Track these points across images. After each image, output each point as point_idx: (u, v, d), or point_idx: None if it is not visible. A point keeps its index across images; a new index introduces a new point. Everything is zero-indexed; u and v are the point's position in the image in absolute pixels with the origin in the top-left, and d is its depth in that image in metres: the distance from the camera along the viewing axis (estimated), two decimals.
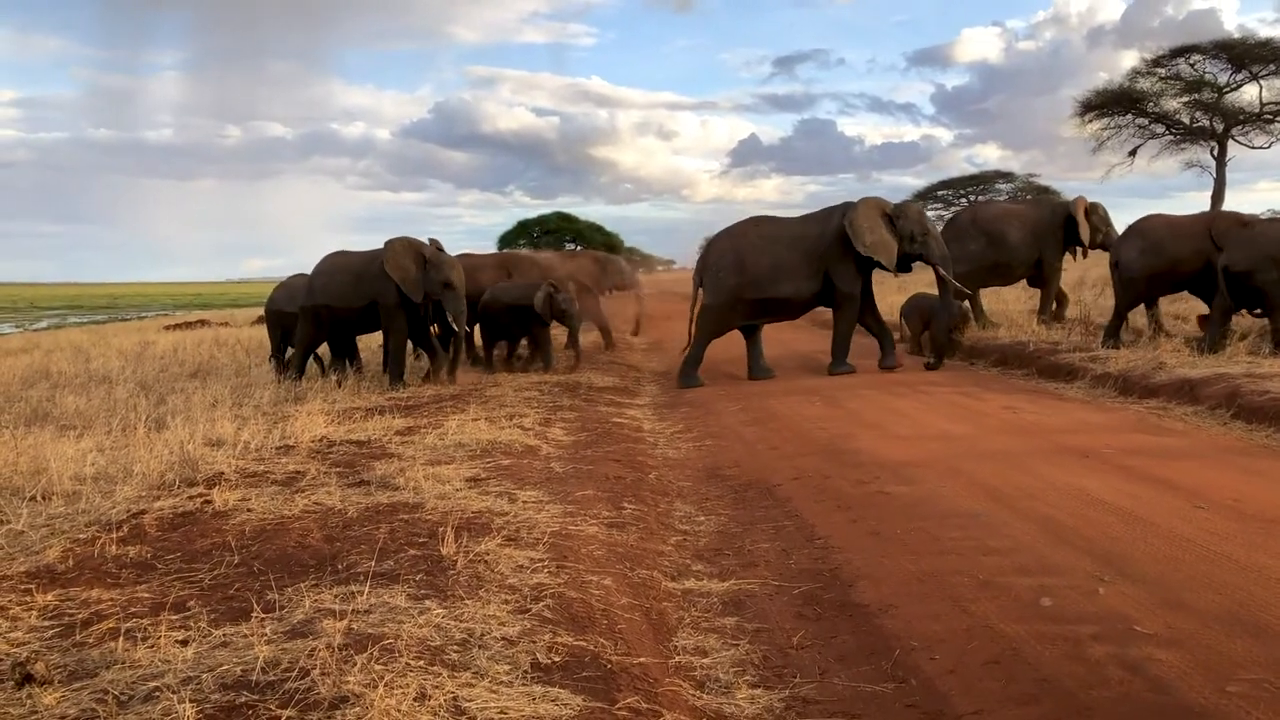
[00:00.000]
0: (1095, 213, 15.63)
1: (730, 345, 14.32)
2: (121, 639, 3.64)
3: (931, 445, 8.01)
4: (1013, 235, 15.49)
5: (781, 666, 4.00)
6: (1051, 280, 15.74)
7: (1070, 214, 15.47)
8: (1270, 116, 30.65)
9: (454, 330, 12.82)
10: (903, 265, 13.36)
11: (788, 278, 13.11)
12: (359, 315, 12.85)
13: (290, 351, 14.19)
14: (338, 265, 13.04)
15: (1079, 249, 15.68)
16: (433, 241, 13.11)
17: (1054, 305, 15.81)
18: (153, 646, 3.57)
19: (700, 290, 13.58)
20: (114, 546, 4.95)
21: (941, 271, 13.14)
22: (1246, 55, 30.01)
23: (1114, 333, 12.87)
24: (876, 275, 13.87)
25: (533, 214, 48.24)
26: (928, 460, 7.41)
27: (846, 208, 13.20)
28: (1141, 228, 13.29)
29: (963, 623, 4.24)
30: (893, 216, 13.13)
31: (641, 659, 3.79)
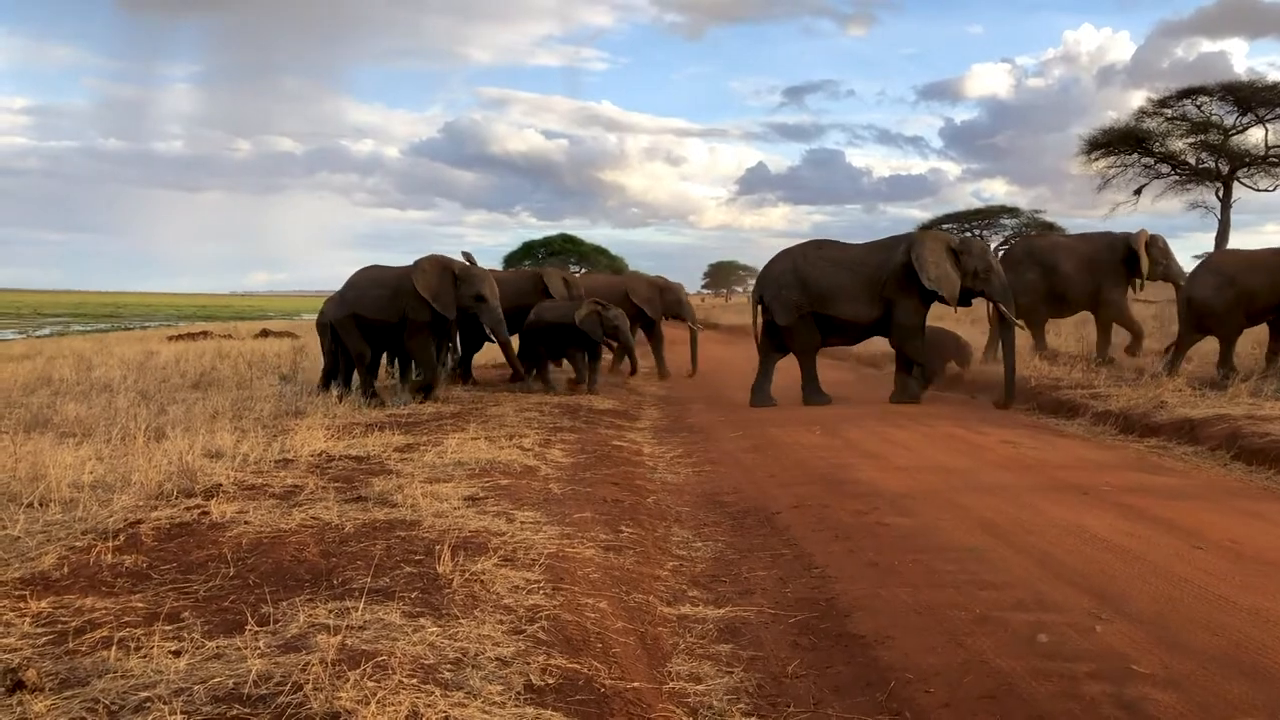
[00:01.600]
0: (1155, 245, 15.52)
1: (731, 372, 14.35)
2: (114, 648, 3.63)
3: (931, 477, 8.00)
4: (1066, 267, 15.38)
5: (775, 695, 3.98)
6: (1107, 314, 15.55)
7: (1131, 247, 15.32)
8: (1276, 159, 30.76)
9: (454, 349, 12.99)
10: (963, 300, 13.32)
11: (849, 300, 13.14)
12: (391, 329, 12.93)
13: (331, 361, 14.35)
14: (372, 278, 13.14)
15: (1137, 282, 15.56)
16: (466, 256, 13.32)
17: (1109, 342, 15.63)
18: (145, 656, 3.55)
19: (760, 309, 13.71)
20: (110, 555, 4.94)
21: (1003, 309, 13.07)
22: (1253, 98, 30.16)
23: (1173, 365, 12.85)
24: None
25: (539, 235, 48.38)
26: (927, 492, 7.39)
27: (911, 239, 13.21)
28: (1216, 262, 13.33)
29: (959, 656, 4.22)
30: (958, 252, 13.07)
31: (635, 684, 3.77)
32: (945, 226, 56.35)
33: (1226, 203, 31.13)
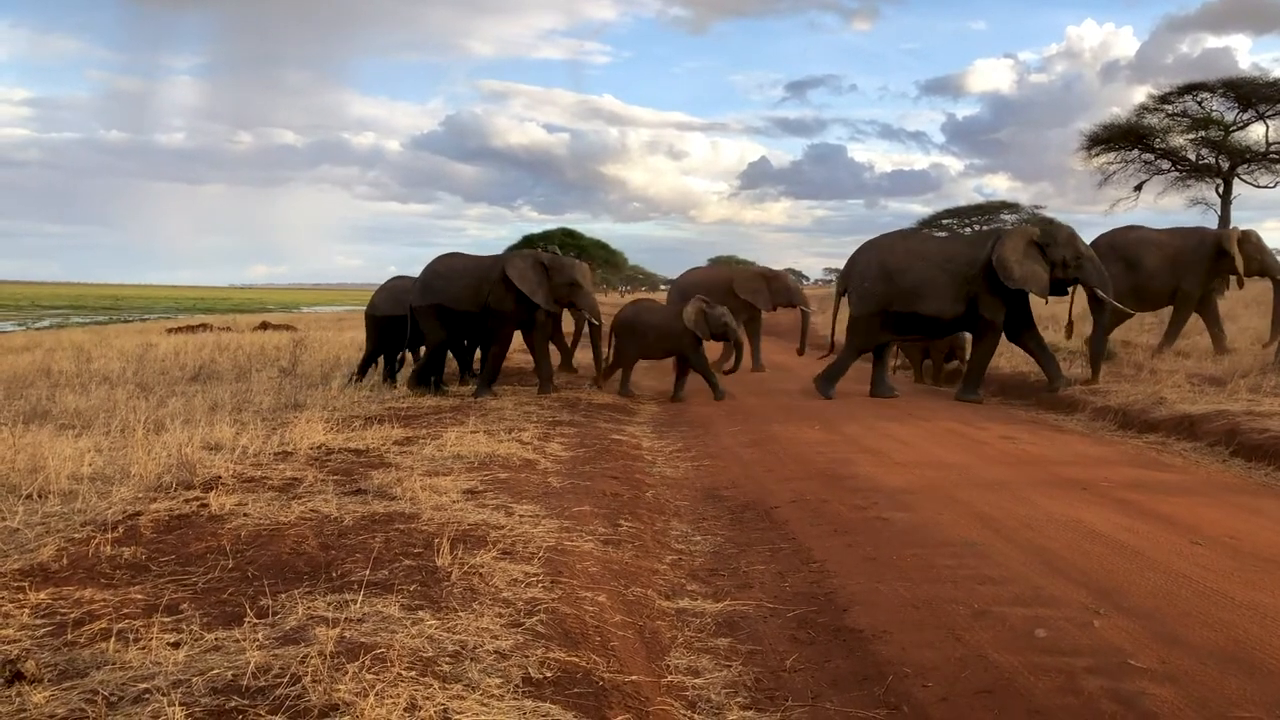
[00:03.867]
0: (1249, 241, 15.30)
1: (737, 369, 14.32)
2: (113, 640, 3.63)
3: (930, 473, 8.00)
4: (1149, 262, 15.13)
5: (774, 689, 3.98)
6: (1182, 311, 15.29)
7: (1221, 245, 15.10)
8: (1277, 156, 30.72)
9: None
10: (1057, 290, 13.15)
11: (933, 296, 13.03)
12: (476, 319, 13.04)
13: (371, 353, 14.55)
14: (458, 268, 13.27)
15: (1235, 278, 15.35)
16: (547, 250, 13.56)
17: (1174, 337, 15.37)
18: (144, 648, 3.55)
19: (845, 301, 13.67)
20: (108, 547, 4.94)
21: (1100, 294, 12.87)
22: (1254, 94, 30.09)
23: None
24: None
25: (539, 229, 48.31)
26: (926, 488, 7.40)
27: (998, 237, 13.07)
28: None
29: (956, 651, 4.22)
30: (1042, 245, 12.89)
31: (634, 677, 3.77)
32: (945, 221, 56.37)
33: (1227, 199, 31.08)
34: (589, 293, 13.27)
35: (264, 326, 32.20)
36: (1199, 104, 31.28)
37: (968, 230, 55.31)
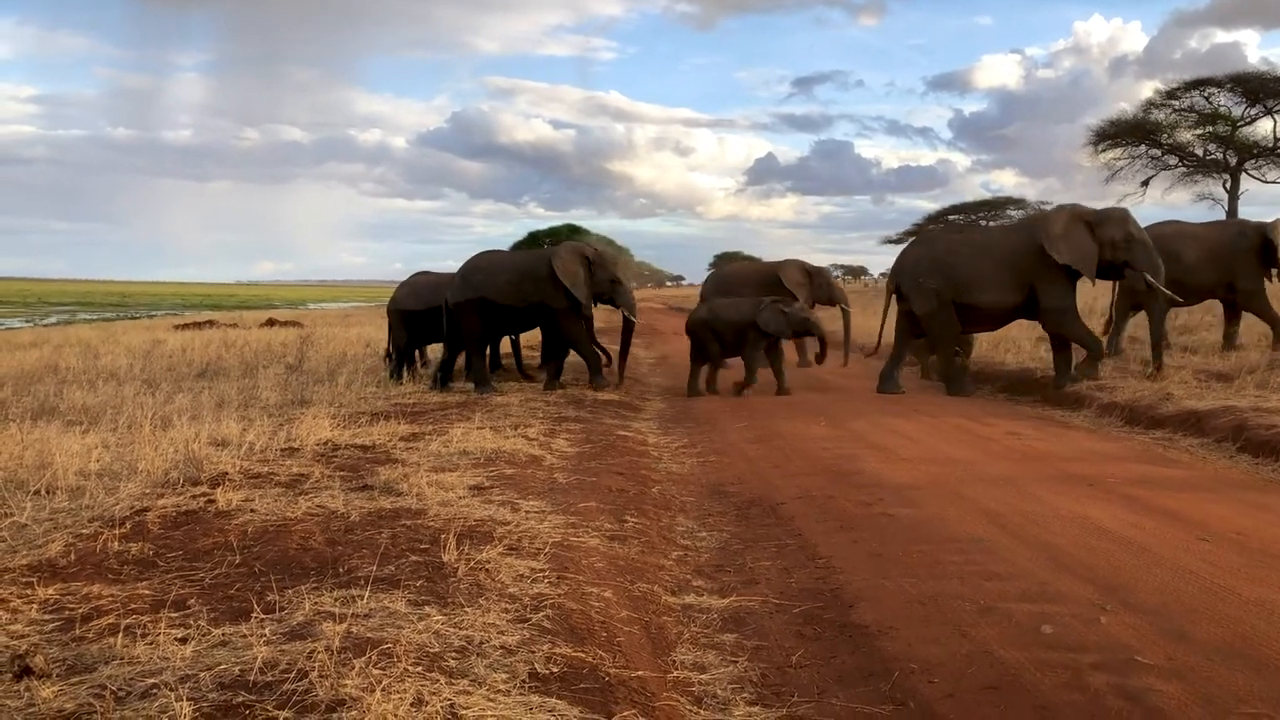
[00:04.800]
0: None
1: (735, 362, 14.30)
2: (121, 635, 3.64)
3: (935, 469, 7.99)
4: (1189, 255, 14.60)
5: (780, 685, 3.98)
6: (1251, 305, 14.66)
7: (1267, 236, 14.56)
8: None
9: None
10: (1106, 273, 12.79)
11: (988, 286, 12.79)
12: (518, 315, 13.09)
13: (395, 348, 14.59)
14: (500, 263, 13.31)
15: (1275, 272, 14.80)
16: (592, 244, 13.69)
17: (1237, 335, 14.90)
18: (152, 644, 3.57)
19: (895, 299, 13.50)
20: (116, 543, 4.95)
21: (1150, 279, 12.49)
22: (1262, 89, 30.02)
23: None
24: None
25: (545, 225, 48.23)
26: (931, 484, 7.39)
27: (1046, 217, 12.78)
28: None
29: (962, 647, 4.22)
30: (1092, 223, 12.55)
31: (640, 672, 3.78)
32: (952, 217, 56.28)
33: (1234, 194, 31.01)
34: (628, 290, 13.32)
35: (270, 323, 32.28)
36: (1206, 99, 31.21)
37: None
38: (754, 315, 13.44)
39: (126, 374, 14.32)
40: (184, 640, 3.62)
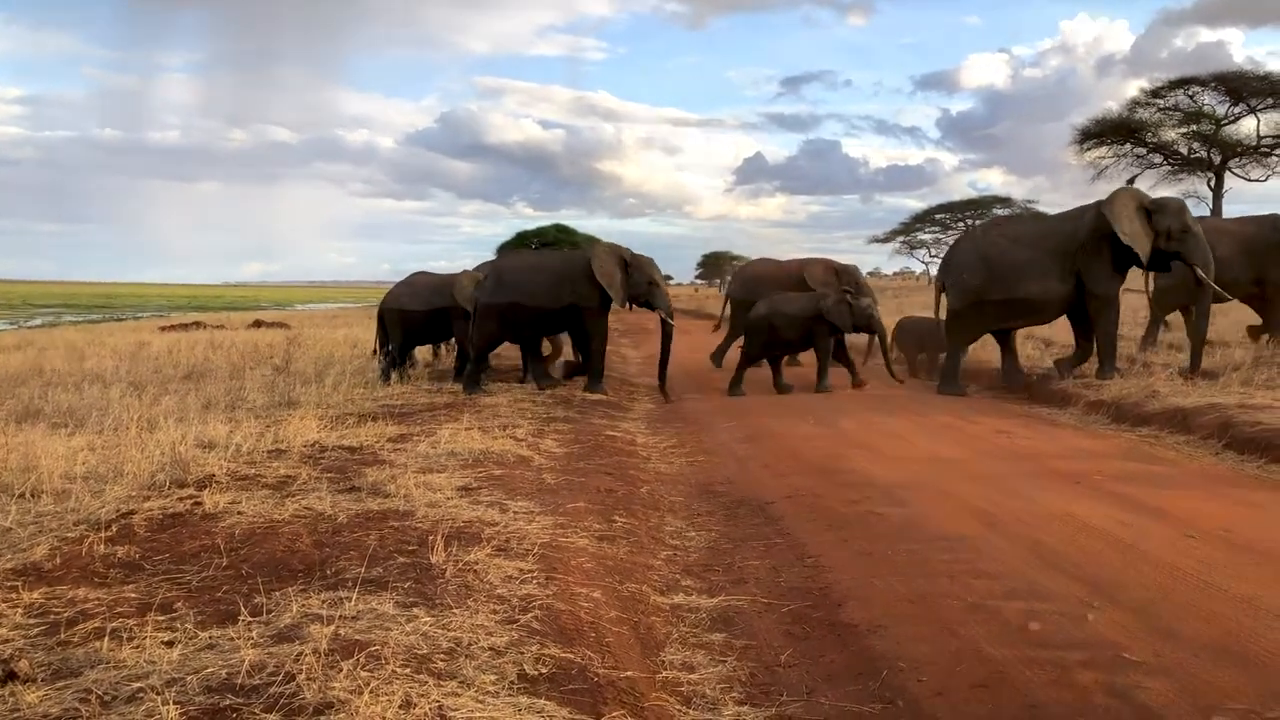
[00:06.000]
0: None
1: (724, 362, 14.34)
2: (107, 639, 3.62)
3: (923, 467, 8.01)
4: (1221, 250, 14.14)
5: (768, 684, 3.98)
6: (1276, 300, 14.34)
7: None
8: (1267, 149, 30.81)
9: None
10: (1158, 263, 12.55)
11: (1035, 278, 12.61)
12: (551, 316, 13.05)
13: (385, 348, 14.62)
14: (533, 265, 13.31)
15: None
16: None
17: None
18: (138, 647, 3.55)
19: (944, 295, 13.40)
20: (102, 546, 4.92)
21: (1200, 274, 12.25)
22: (1245, 88, 30.18)
23: None
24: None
25: (535, 225, 48.10)
26: (919, 482, 7.41)
27: (1100, 203, 12.60)
28: None
29: (951, 645, 4.23)
30: (1150, 210, 12.39)
31: (629, 673, 3.77)
32: (939, 216, 56.42)
33: (1218, 192, 31.17)
34: (665, 292, 13.26)
35: (257, 324, 32.18)
36: (1190, 98, 31.36)
37: (962, 225, 55.42)
38: (817, 309, 13.29)
39: (112, 376, 14.24)
40: (170, 643, 3.60)
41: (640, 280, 12.93)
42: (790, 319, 13.48)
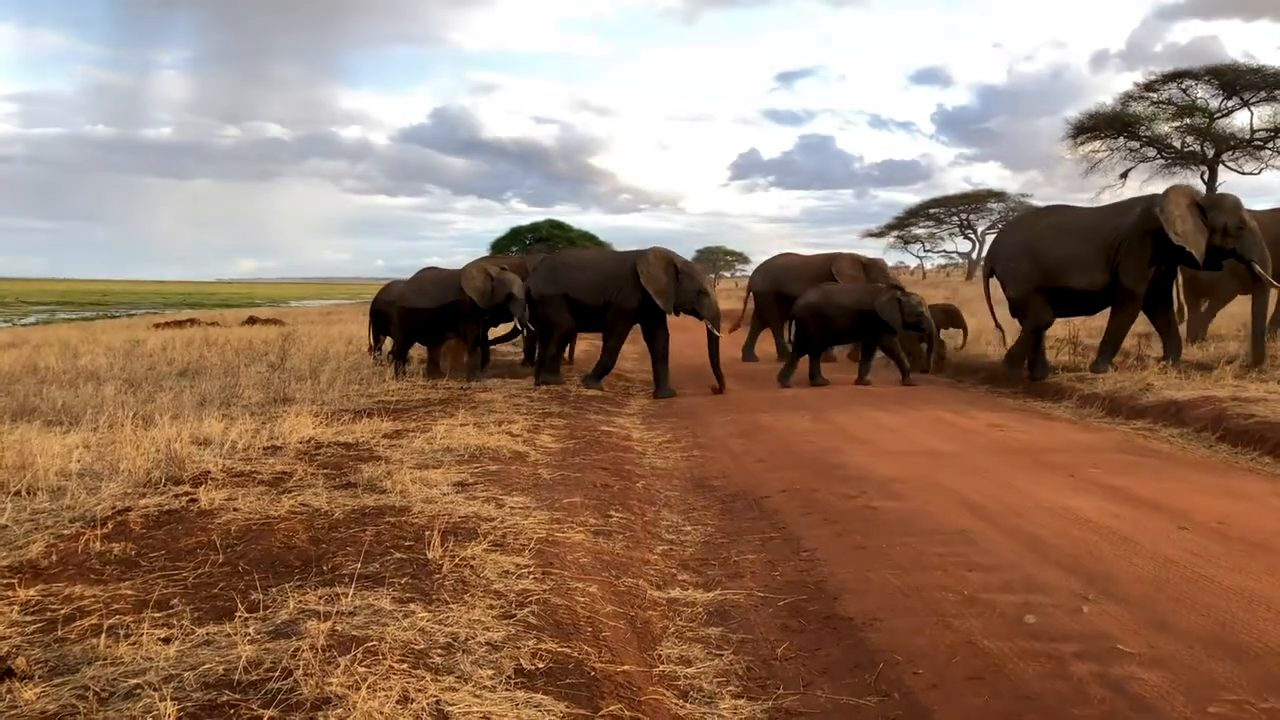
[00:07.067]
0: None
1: (723, 352, 14.31)
2: (103, 636, 3.62)
3: (918, 461, 8.03)
4: None
5: (765, 678, 4.00)
6: None
7: None
8: (1260, 143, 30.85)
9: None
10: (1212, 260, 12.29)
11: (1081, 269, 12.50)
12: (595, 312, 13.21)
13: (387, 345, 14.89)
14: (585, 261, 13.57)
15: None
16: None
17: None
18: (135, 644, 3.55)
19: (993, 281, 13.34)
20: (98, 543, 4.92)
21: (1258, 270, 11.94)
22: (1238, 81, 30.20)
23: None
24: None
25: (529, 221, 48.10)
26: (914, 476, 7.42)
27: (1151, 199, 12.48)
28: None
29: (946, 638, 4.25)
30: (1204, 207, 12.22)
31: (625, 667, 3.78)
32: (933, 210, 56.43)
33: (1212, 186, 31.18)
34: (714, 302, 13.29)
35: (252, 321, 32.12)
36: (1184, 91, 31.38)
37: (956, 219, 55.42)
38: (871, 302, 13.25)
39: (107, 373, 14.22)
40: (167, 640, 3.60)
41: (690, 289, 12.97)
42: (843, 310, 13.48)
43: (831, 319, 13.55)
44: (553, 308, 13.24)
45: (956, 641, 4.20)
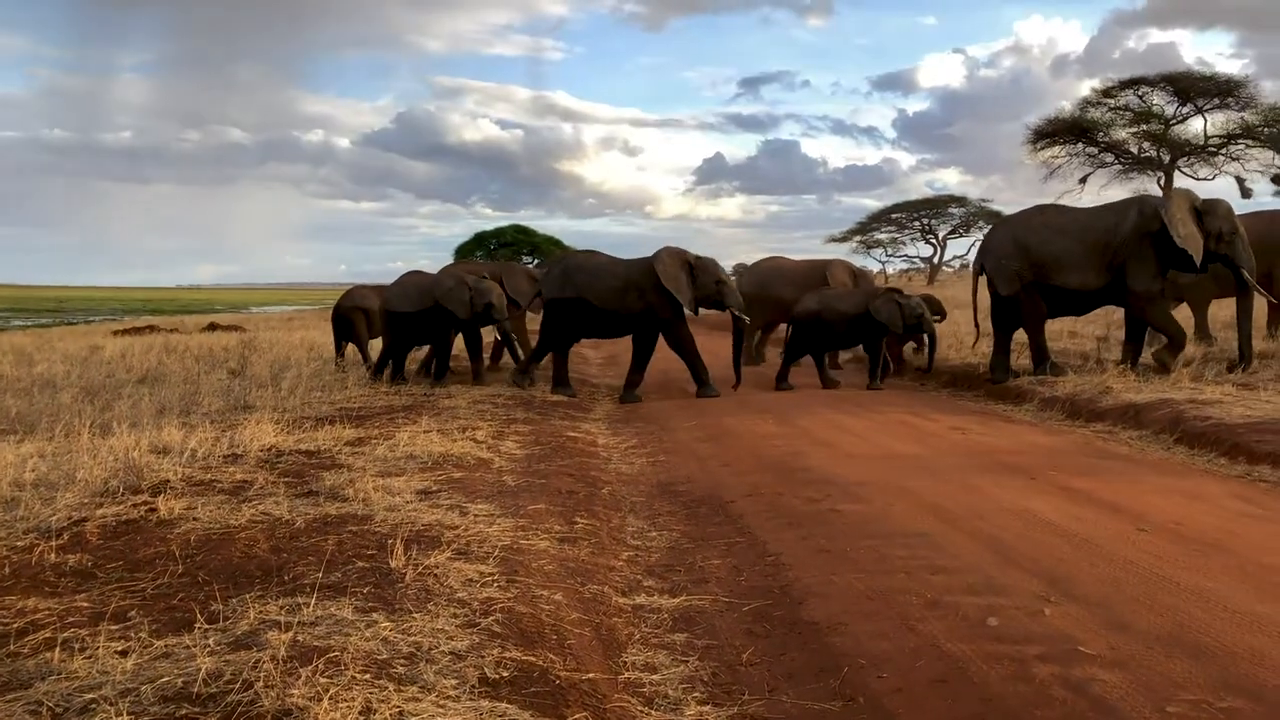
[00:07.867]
0: None
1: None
2: (58, 649, 3.55)
3: (882, 464, 8.07)
4: None
5: (730, 683, 4.00)
6: None
7: None
8: (1214, 149, 31.34)
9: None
10: (1204, 265, 12.36)
11: (1073, 268, 12.53)
12: (614, 318, 13.18)
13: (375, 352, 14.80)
14: (601, 267, 13.35)
15: None
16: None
17: None
18: (91, 657, 3.49)
19: (983, 279, 13.31)
20: (53, 554, 4.84)
21: (1246, 276, 12.13)
22: (1192, 88, 30.65)
23: None
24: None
25: (493, 226, 47.88)
26: (878, 479, 7.46)
27: (1145, 201, 12.58)
28: None
29: (910, 641, 4.27)
30: (1201, 212, 12.29)
31: (590, 674, 3.77)
32: (895, 215, 56.85)
33: (1168, 192, 31.64)
34: (735, 289, 13.31)
35: (212, 327, 31.75)
36: (1140, 98, 31.81)
37: (917, 224, 55.86)
38: (867, 308, 13.26)
39: (64, 381, 14.00)
40: (124, 653, 3.54)
41: (708, 282, 13.02)
42: (842, 315, 13.52)
43: (831, 324, 13.62)
44: (565, 312, 13.17)
45: (920, 645, 4.22)
